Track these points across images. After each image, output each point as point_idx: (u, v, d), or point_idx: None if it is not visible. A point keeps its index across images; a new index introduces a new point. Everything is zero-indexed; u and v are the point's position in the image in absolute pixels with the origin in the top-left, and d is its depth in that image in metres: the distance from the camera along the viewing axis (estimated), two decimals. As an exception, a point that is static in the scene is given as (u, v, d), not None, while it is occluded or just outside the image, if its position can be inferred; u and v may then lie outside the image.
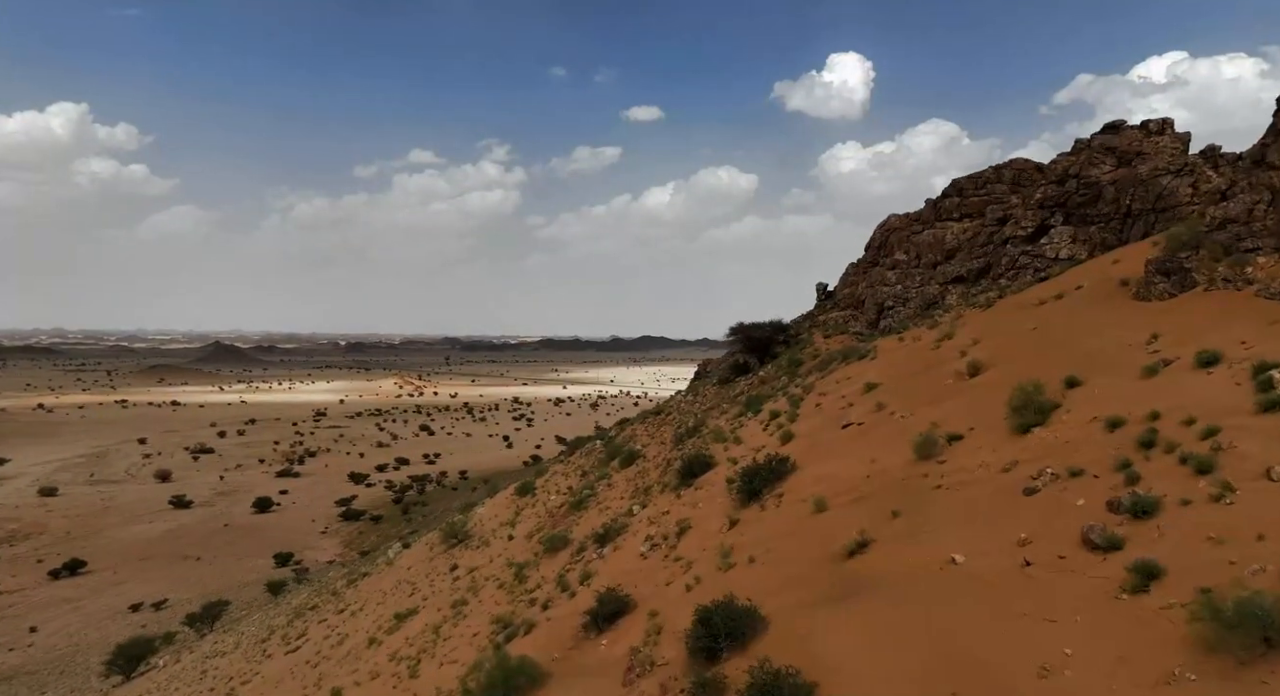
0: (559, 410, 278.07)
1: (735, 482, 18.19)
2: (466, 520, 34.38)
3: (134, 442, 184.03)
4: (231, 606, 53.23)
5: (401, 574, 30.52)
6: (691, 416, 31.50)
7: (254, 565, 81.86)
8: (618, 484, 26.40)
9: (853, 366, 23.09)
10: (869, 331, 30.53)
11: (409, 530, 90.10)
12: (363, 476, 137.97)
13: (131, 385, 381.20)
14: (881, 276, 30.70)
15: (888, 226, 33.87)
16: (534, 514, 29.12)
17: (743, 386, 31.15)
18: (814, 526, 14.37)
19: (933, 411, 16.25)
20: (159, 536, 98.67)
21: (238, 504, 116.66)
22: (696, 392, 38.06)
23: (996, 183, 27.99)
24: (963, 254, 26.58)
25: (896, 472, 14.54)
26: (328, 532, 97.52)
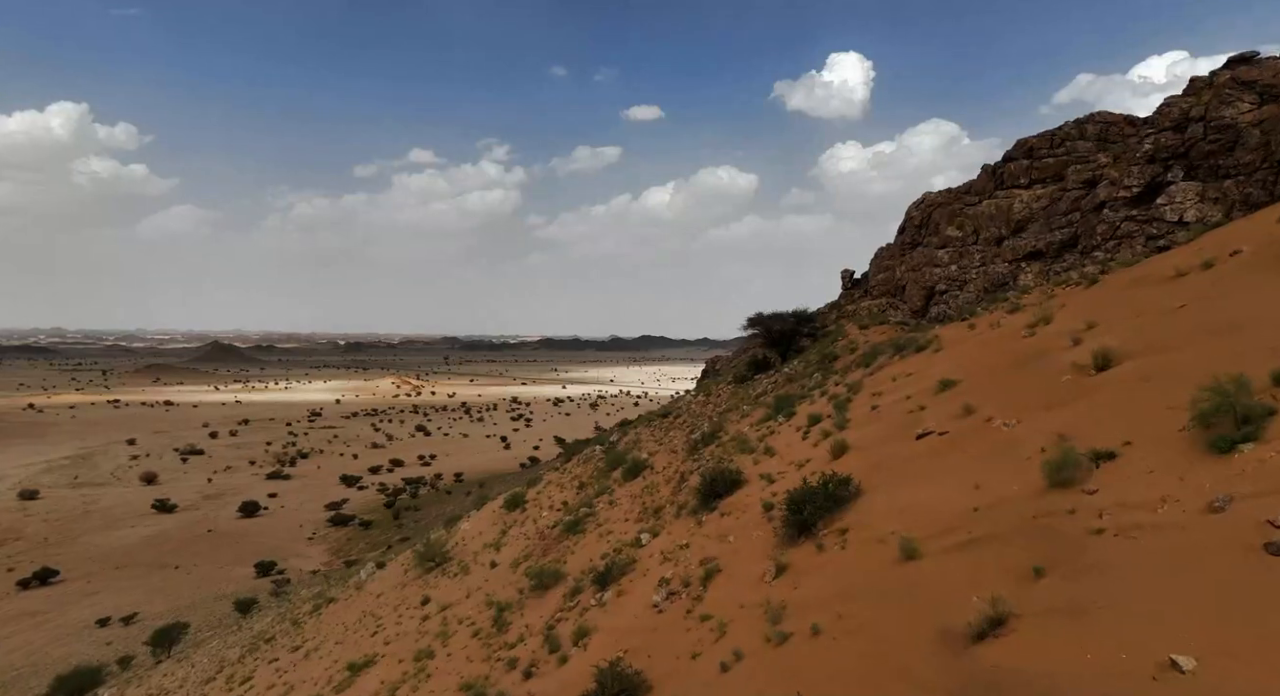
0: (558, 410, 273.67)
1: (776, 509, 13.97)
2: (448, 537, 30.26)
3: (122, 443, 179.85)
4: (192, 628, 48.96)
5: (369, 602, 26.34)
6: (705, 420, 27.31)
7: (234, 574, 77.58)
8: (621, 500, 22.22)
9: (910, 360, 18.90)
10: (915, 320, 26.32)
11: (398, 537, 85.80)
12: (355, 479, 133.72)
13: (126, 385, 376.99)
14: (929, 257, 26.41)
15: (929, 202, 29.65)
16: (522, 534, 24.95)
17: (765, 385, 26.95)
18: (904, 582, 10.05)
19: (1051, 418, 11.98)
20: (138, 543, 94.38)
21: (224, 508, 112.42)
22: (708, 392, 33.84)
23: (1079, 139, 23.65)
24: (1037, 225, 22.33)
25: (1021, 506, 10.23)
26: (315, 539, 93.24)
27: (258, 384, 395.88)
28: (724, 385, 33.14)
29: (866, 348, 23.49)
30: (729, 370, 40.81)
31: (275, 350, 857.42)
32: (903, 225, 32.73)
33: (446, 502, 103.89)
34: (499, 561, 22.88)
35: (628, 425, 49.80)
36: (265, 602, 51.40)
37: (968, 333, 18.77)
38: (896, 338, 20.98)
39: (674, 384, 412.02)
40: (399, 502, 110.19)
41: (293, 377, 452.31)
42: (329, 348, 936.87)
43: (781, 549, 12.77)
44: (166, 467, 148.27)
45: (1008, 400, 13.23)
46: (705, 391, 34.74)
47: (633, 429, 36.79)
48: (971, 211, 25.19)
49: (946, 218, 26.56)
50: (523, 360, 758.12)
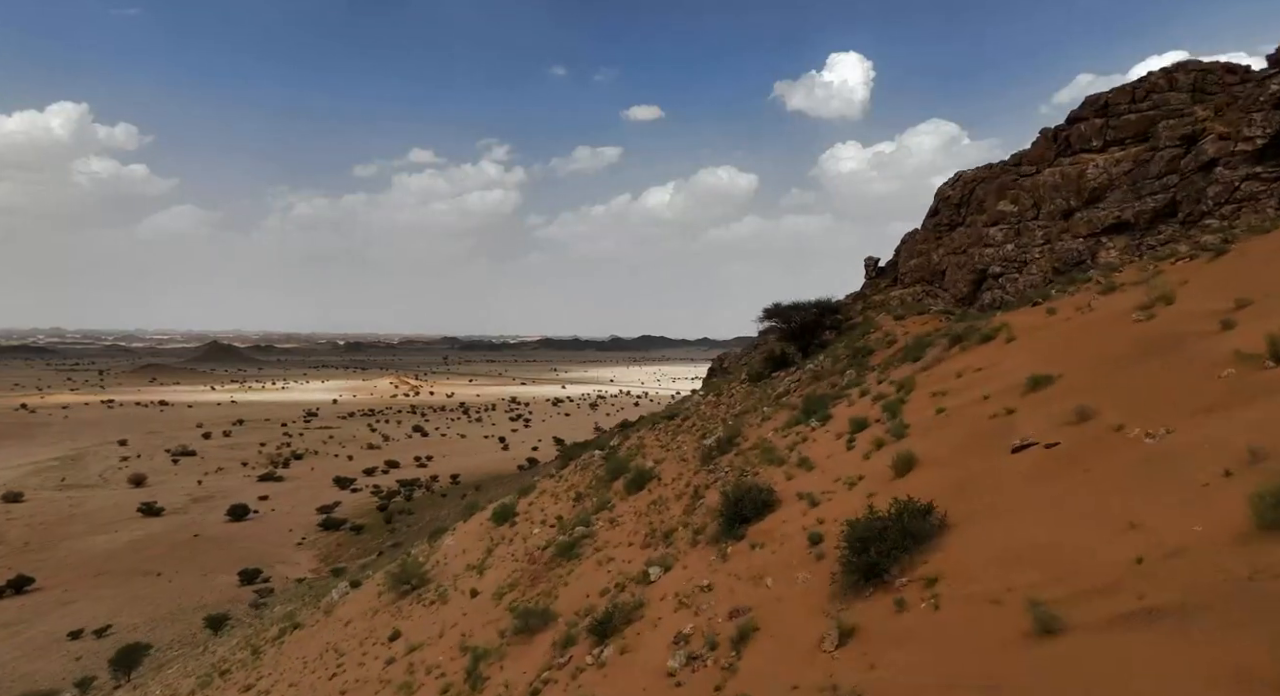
0: (557, 410, 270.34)
1: (827, 543, 10.69)
2: (430, 552, 27.04)
3: (114, 444, 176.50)
4: (161, 646, 45.69)
5: (336, 632, 23.07)
6: (719, 423, 24.05)
7: (217, 583, 74.26)
8: (624, 518, 18.98)
9: (974, 353, 15.64)
10: (961, 308, 23.00)
11: (389, 542, 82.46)
12: (349, 481, 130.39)
13: (122, 385, 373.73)
14: (977, 237, 23.07)
15: (967, 178, 26.36)
16: (510, 555, 21.70)
17: (786, 384, 23.67)
18: (1048, 673, 6.69)
19: (1220, 425, 8.70)
20: (121, 548, 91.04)
21: (212, 511, 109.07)
22: (719, 392, 30.54)
23: (1168, 90, 20.30)
24: (1120, 192, 19.03)
25: (1219, 557, 6.88)
26: (304, 544, 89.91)
27: (254, 384, 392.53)
28: (737, 384, 29.81)
29: (909, 340, 20.20)
30: (740, 368, 37.43)
31: (274, 350, 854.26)
32: (935, 206, 29.44)
33: (441, 506, 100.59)
34: (481, 589, 19.59)
35: (629, 427, 46.60)
36: (239, 618, 48.12)
37: (1046, 318, 15.51)
38: (949, 327, 17.73)
39: (674, 384, 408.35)
40: (392, 506, 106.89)
41: (290, 378, 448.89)
42: (328, 348, 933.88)
43: (842, 602, 9.43)
44: (157, 469, 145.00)
45: (1141, 401, 9.93)
46: (715, 391, 31.41)
47: (635, 432, 33.47)
48: (1029, 183, 21.88)
49: (995, 192, 23.24)
50: (522, 360, 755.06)
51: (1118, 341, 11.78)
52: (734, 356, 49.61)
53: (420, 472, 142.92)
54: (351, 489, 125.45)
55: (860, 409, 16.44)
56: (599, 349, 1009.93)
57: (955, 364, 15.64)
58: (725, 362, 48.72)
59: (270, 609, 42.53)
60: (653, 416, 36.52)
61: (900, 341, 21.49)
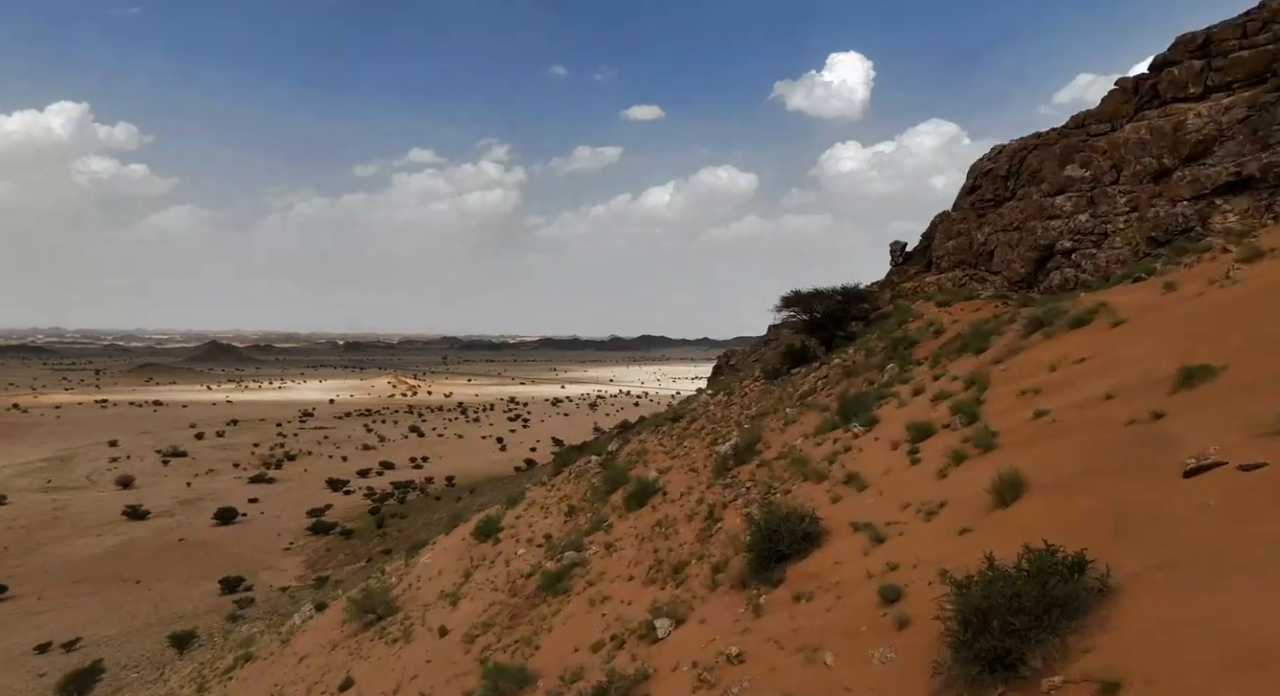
0: (556, 410, 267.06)
1: (906, 600, 7.45)
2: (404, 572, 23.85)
3: (104, 445, 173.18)
4: (120, 666, 42.44)
5: (288, 669, 19.91)
6: (733, 426, 20.78)
7: (198, 590, 70.98)
8: (623, 542, 15.71)
9: (1064, 340, 12.35)
10: (1020, 291, 19.71)
11: (379, 547, 79.19)
12: (342, 482, 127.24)
13: (117, 384, 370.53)
14: (1038, 209, 19.73)
15: (1014, 148, 23.03)
16: (489, 581, 18.45)
17: (811, 381, 20.33)
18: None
19: None
20: (103, 553, 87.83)
21: (200, 514, 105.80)
22: (730, 391, 27.24)
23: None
24: (1234, 144, 15.80)
25: None
26: (292, 549, 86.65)
27: (251, 383, 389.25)
28: (750, 382, 26.47)
29: (965, 328, 16.94)
30: (752, 365, 34.27)
31: (273, 349, 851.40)
32: (971, 183, 26.16)
33: (435, 509, 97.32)
34: (451, 627, 16.33)
35: (630, 429, 43.35)
36: (207, 635, 44.87)
37: (1161, 295, 12.28)
38: (1013, 312, 14.48)
39: (674, 383, 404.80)
40: (384, 509, 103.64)
41: (288, 377, 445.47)
42: (327, 347, 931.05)
43: (952, 692, 6.17)
44: (146, 470, 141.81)
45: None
46: (725, 390, 28.09)
47: (636, 435, 30.18)
48: (1103, 143, 18.63)
49: (1059, 156, 19.93)
50: (522, 360, 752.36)
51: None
52: (742, 353, 46.28)
53: (415, 474, 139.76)
54: (344, 491, 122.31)
55: (917, 410, 13.16)
56: (599, 349, 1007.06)
57: (1041, 354, 12.37)
58: (733, 360, 45.42)
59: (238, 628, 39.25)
60: (656, 418, 33.23)
61: (950, 330, 18.22)
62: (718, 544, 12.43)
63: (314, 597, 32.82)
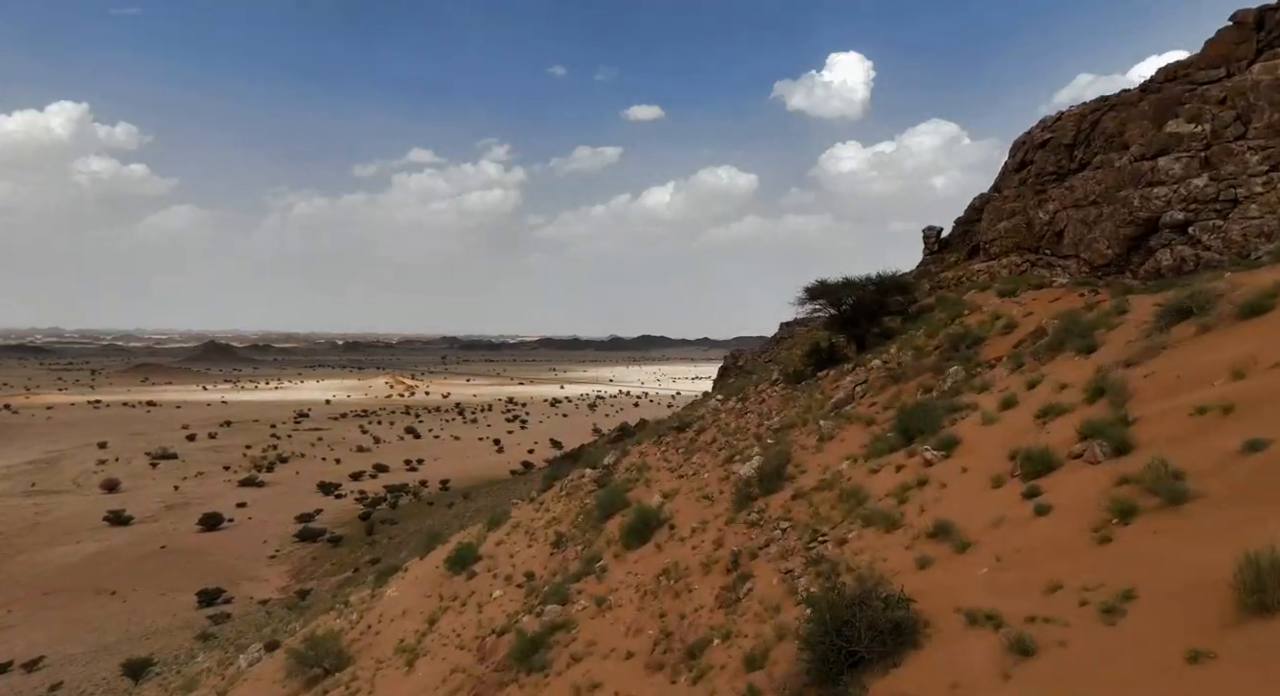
0: (555, 411, 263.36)
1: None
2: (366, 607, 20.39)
3: (93, 446, 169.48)
4: None
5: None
6: (752, 441, 17.32)
7: (175, 603, 67.43)
8: (620, 597, 12.14)
9: (1238, 335, 8.88)
10: (1108, 276, 16.19)
11: (367, 557, 75.67)
12: (334, 486, 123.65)
13: (113, 384, 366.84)
14: (1132, 176, 16.14)
15: (1080, 111, 19.54)
16: (456, 632, 15.04)
17: (849, 387, 16.70)
18: None
19: None
20: (80, 562, 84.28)
21: (185, 520, 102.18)
22: (743, 396, 23.69)
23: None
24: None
25: None
26: (277, 557, 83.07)
27: (248, 383, 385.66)
28: (767, 386, 22.87)
29: (1050, 322, 13.41)
30: (765, 365, 30.76)
31: (271, 349, 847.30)
32: (1020, 158, 22.60)
33: (426, 515, 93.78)
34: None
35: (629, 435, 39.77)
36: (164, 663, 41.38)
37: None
38: (1162, 298, 11.02)
39: (674, 384, 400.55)
40: (376, 515, 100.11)
41: (285, 377, 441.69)
42: (326, 347, 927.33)
43: None
44: (134, 473, 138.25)
45: None
46: (738, 394, 24.50)
47: (635, 445, 26.65)
48: (1218, 90, 15.15)
49: (1152, 113, 16.42)
50: (521, 360, 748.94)
51: None
52: (751, 353, 42.64)
53: (409, 477, 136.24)
54: (336, 495, 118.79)
55: (1015, 430, 9.63)
56: (598, 348, 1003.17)
57: (1204, 355, 8.87)
58: (741, 360, 41.82)
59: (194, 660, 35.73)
60: (658, 425, 29.69)
61: (1024, 324, 14.74)
62: (750, 616, 8.98)
63: (266, 634, 29.29)
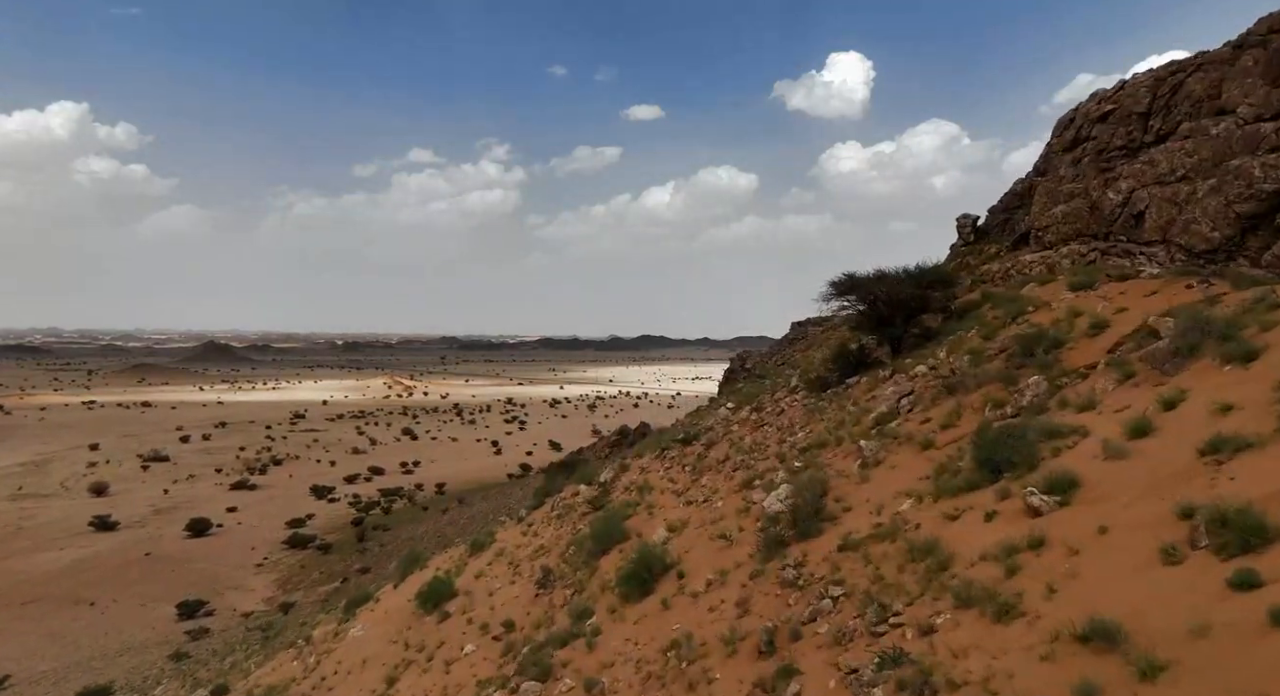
0: (554, 412, 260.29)
1: None
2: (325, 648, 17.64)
3: (84, 448, 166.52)
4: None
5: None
6: (774, 462, 14.43)
7: (154, 615, 64.53)
8: (616, 680, 9.21)
9: None
10: (1213, 263, 13.38)
11: (356, 565, 72.82)
12: (327, 489, 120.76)
13: (109, 385, 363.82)
14: (1244, 140, 13.27)
15: (1148, 78, 16.73)
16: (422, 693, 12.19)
17: (889, 400, 13.75)
18: None
19: None
20: (62, 569, 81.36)
21: (173, 525, 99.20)
22: (758, 406, 20.78)
23: None
24: None
25: None
26: (265, 565, 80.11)
27: (245, 384, 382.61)
28: (785, 394, 19.96)
29: (1160, 321, 10.56)
30: (778, 369, 27.81)
31: (270, 349, 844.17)
32: (1074, 135, 19.79)
33: (420, 520, 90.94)
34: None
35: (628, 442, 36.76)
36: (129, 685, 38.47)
37: None
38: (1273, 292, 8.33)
39: (675, 384, 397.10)
40: (368, 520, 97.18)
41: (284, 377, 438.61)
42: (326, 347, 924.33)
43: None
44: (123, 476, 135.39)
45: None
46: (750, 403, 21.58)
47: (635, 459, 23.75)
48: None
49: (1265, 69, 13.68)
50: (521, 360, 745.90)
51: None
52: (760, 355, 39.68)
53: (405, 480, 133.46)
54: (329, 499, 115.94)
55: (1165, 469, 6.75)
56: (598, 348, 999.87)
57: None
58: (749, 362, 38.84)
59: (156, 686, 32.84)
60: (661, 436, 26.79)
61: (1118, 323, 11.90)
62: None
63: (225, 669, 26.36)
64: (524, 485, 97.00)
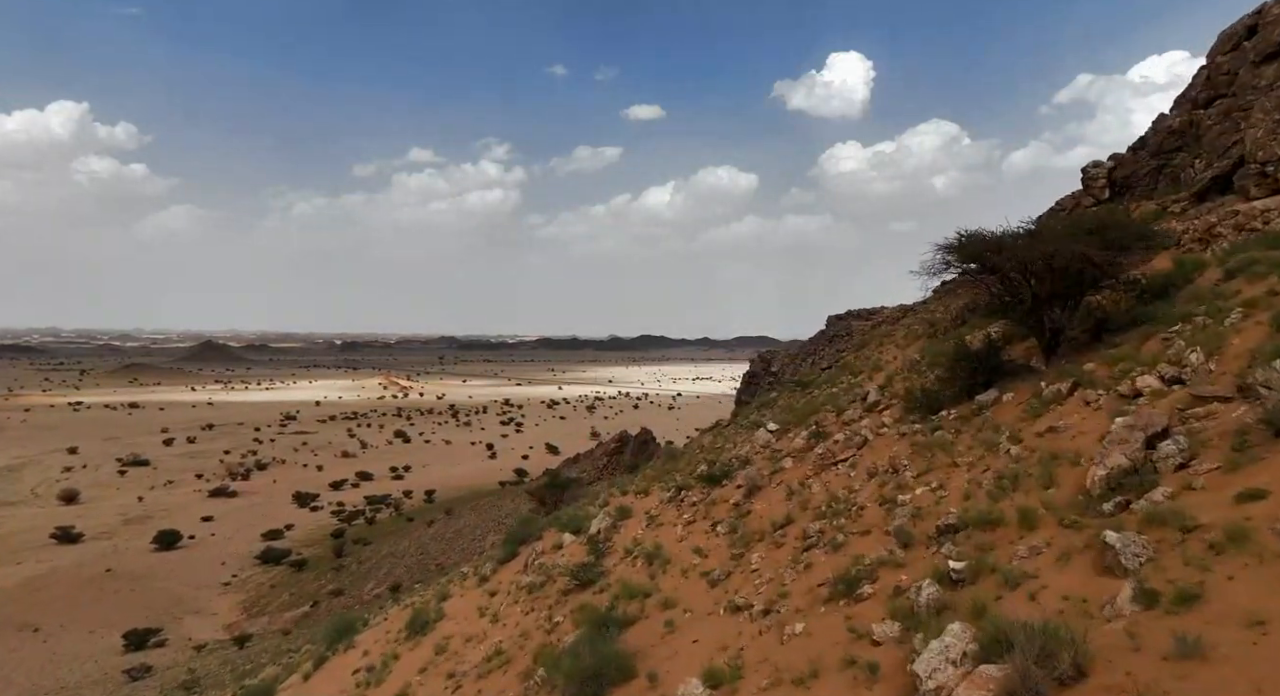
0: (552, 413, 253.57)
1: None
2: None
3: (63, 452, 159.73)
4: None
5: None
6: (896, 545, 8.14)
7: (100, 645, 57.90)
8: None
9: None
10: None
11: (330, 586, 66.19)
12: (311, 497, 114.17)
13: (100, 385, 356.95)
14: None
15: None
16: None
17: (1125, 441, 7.58)
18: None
19: None
20: (14, 588, 74.66)
21: (141, 536, 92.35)
22: (820, 431, 14.21)
23: None
24: None
25: None
26: (232, 584, 73.42)
27: (239, 384, 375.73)
28: (864, 413, 13.46)
29: None
30: (828, 375, 21.16)
31: (268, 349, 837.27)
32: (1273, 49, 13.51)
33: (404, 533, 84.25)
34: None
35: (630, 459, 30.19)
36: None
37: None
38: None
39: (675, 384, 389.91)
40: (349, 532, 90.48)
41: (279, 378, 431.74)
42: (324, 347, 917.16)
43: None
44: (99, 482, 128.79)
45: None
46: (805, 423, 15.08)
47: (639, 497, 17.23)
48: None
49: None
50: (520, 360, 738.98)
51: None
52: (787, 354, 33.05)
53: (394, 486, 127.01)
54: (311, 507, 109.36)
55: None
56: (598, 348, 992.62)
57: None
58: (774, 363, 32.25)
59: None
60: (673, 461, 20.15)
61: None
62: None
63: None
64: (515, 495, 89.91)
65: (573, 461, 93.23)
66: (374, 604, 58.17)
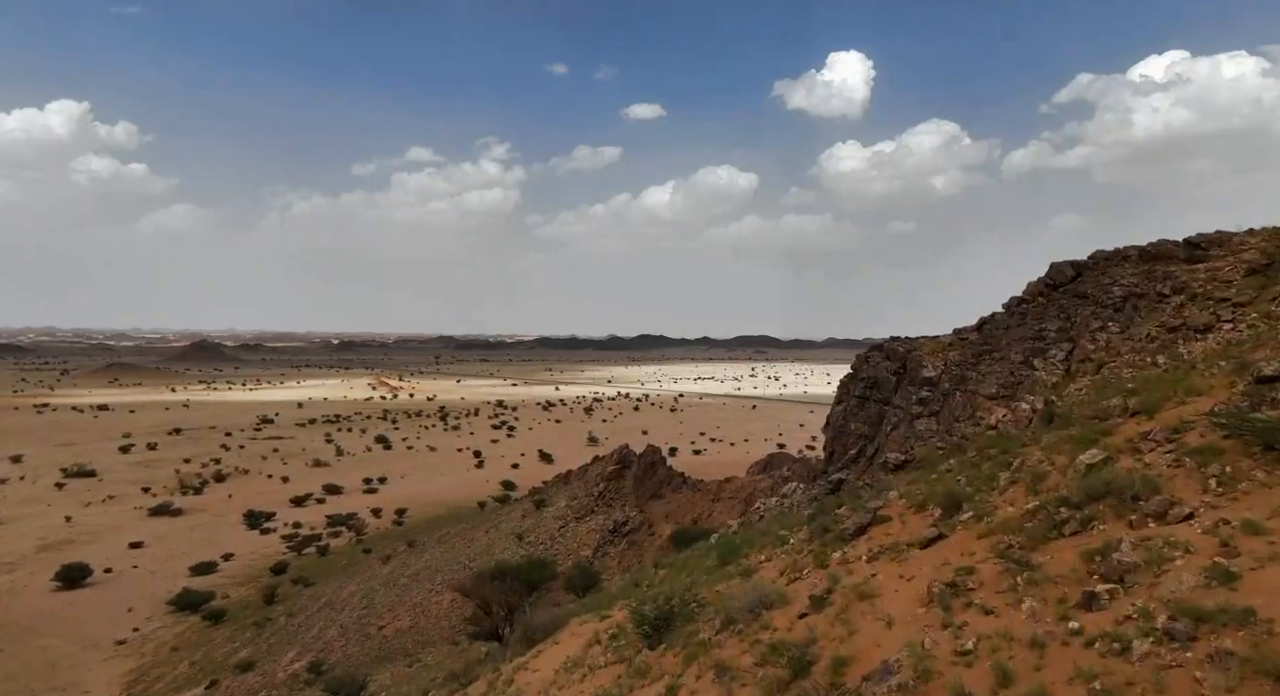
0: (548, 415, 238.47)
1: None
2: None
3: (6, 461, 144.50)
4: None
5: None
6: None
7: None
8: None
9: None
10: None
11: (242, 652, 51.33)
12: (266, 516, 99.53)
13: (78, 386, 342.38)
14: None
15: None
16: None
17: None
18: None
19: None
20: None
21: (49, 569, 76.99)
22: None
23: None
24: None
25: None
26: (127, 643, 58.45)
27: (224, 385, 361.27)
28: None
29: None
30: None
31: (261, 348, 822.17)
32: None
33: (353, 572, 69.26)
34: None
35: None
36: None
37: None
38: None
39: (675, 384, 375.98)
40: (293, 567, 75.42)
41: (267, 378, 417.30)
42: (320, 347, 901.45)
43: None
44: (30, 498, 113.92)
45: None
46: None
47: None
48: None
49: None
50: (517, 360, 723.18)
51: None
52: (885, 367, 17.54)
53: (364, 501, 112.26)
54: (262, 529, 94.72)
55: None
56: (597, 348, 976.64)
57: None
58: (909, 362, 17.29)
59: None
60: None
61: None
62: None
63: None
64: (493, 522, 74.51)
65: (563, 480, 78.29)
66: (286, 687, 43.17)
